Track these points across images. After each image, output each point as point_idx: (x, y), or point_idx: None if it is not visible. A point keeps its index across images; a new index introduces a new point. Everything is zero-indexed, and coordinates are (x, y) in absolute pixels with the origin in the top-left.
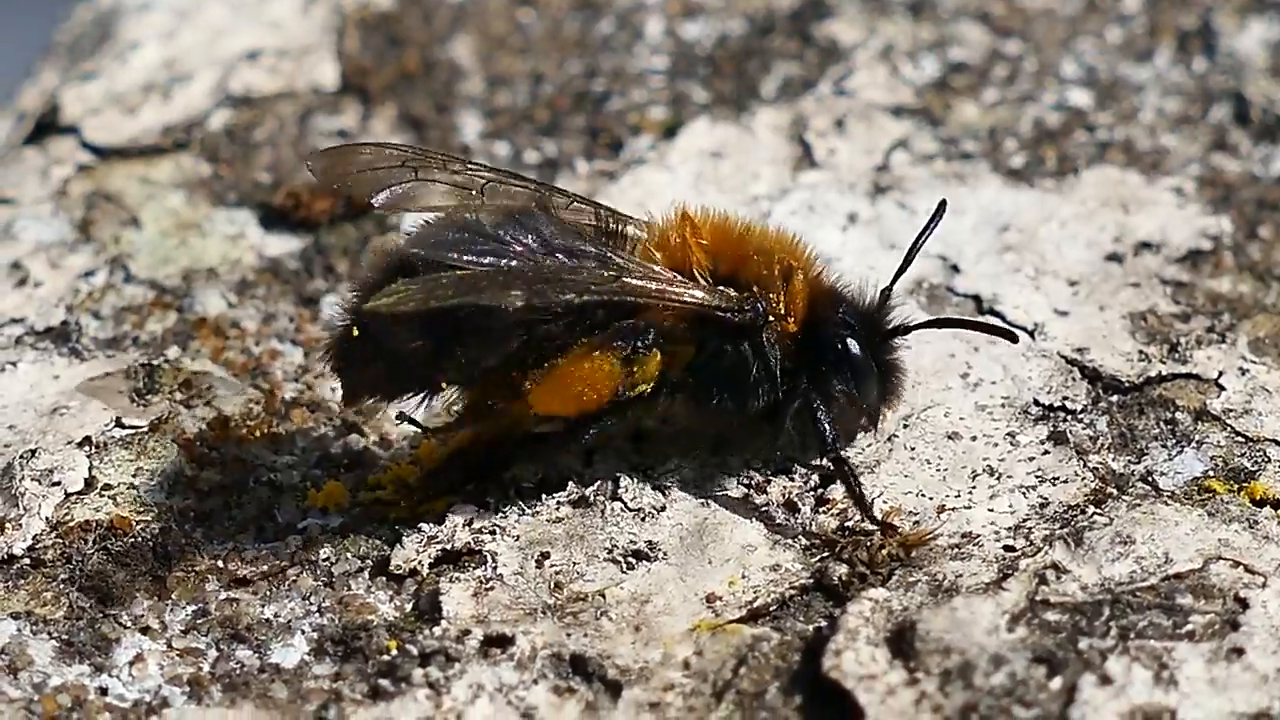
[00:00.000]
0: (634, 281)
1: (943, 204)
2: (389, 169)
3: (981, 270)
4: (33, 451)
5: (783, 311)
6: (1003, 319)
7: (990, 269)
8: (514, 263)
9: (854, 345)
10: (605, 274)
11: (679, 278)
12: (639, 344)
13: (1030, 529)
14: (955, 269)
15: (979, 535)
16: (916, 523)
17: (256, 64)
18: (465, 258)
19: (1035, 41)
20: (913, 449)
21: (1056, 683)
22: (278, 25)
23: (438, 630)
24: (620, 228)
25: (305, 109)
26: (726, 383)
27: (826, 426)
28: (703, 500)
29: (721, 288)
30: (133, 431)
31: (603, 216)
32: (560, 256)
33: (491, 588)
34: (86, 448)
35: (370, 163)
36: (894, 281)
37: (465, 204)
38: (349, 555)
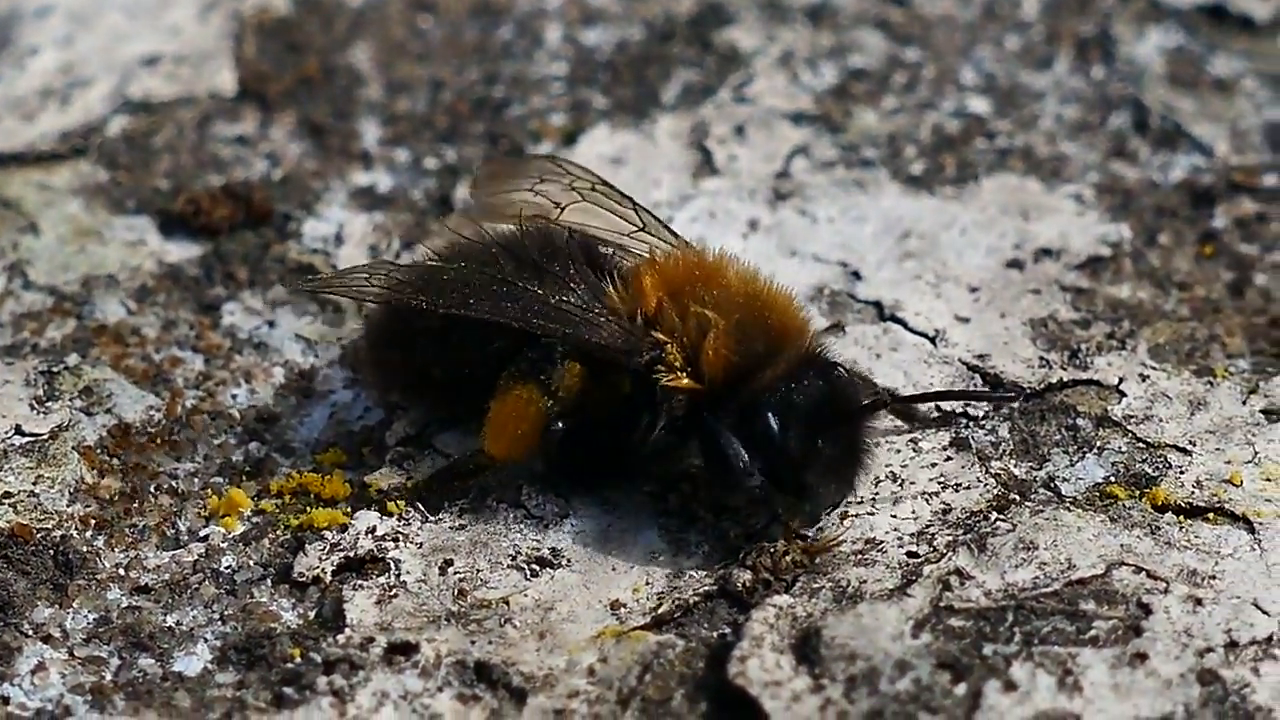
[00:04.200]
0: (532, 316)
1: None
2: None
3: (883, 277)
4: None
5: (679, 364)
6: (905, 326)
7: (891, 276)
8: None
9: (770, 419)
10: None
11: (590, 315)
12: (549, 361)
13: (933, 535)
14: (856, 276)
15: (882, 541)
16: (820, 529)
17: (155, 70)
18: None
19: (934, 49)
20: None
21: (961, 688)
22: (176, 31)
23: (341, 638)
24: (618, 259)
25: (204, 115)
26: (622, 419)
27: (731, 458)
28: (605, 507)
29: (631, 328)
30: (32, 439)
31: (609, 248)
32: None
33: (395, 595)
34: None
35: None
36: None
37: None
38: (251, 563)
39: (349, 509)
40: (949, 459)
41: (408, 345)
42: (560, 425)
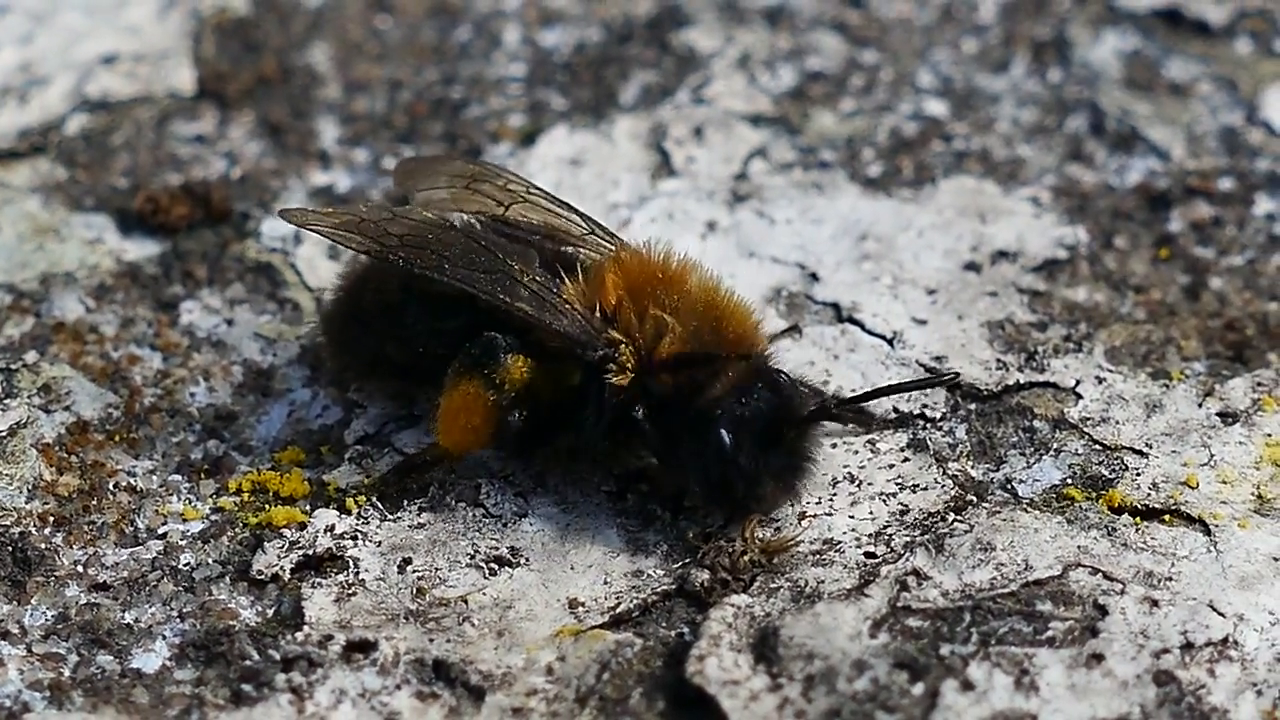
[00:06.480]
0: (500, 291)
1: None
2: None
3: (840, 279)
4: None
5: (630, 365)
6: (862, 327)
7: (849, 278)
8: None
9: (724, 435)
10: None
11: (556, 300)
12: (491, 355)
13: (891, 535)
14: (814, 277)
15: (840, 542)
16: (778, 529)
17: (113, 68)
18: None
19: (892, 51)
20: None
21: (919, 688)
22: (135, 30)
23: (300, 635)
24: (577, 255)
25: (162, 114)
26: (572, 411)
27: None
28: (563, 506)
29: (591, 320)
30: None
31: (567, 244)
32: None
33: (354, 593)
34: None
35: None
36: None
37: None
38: (210, 560)
39: (308, 507)
40: (906, 460)
41: (365, 321)
42: (517, 417)
